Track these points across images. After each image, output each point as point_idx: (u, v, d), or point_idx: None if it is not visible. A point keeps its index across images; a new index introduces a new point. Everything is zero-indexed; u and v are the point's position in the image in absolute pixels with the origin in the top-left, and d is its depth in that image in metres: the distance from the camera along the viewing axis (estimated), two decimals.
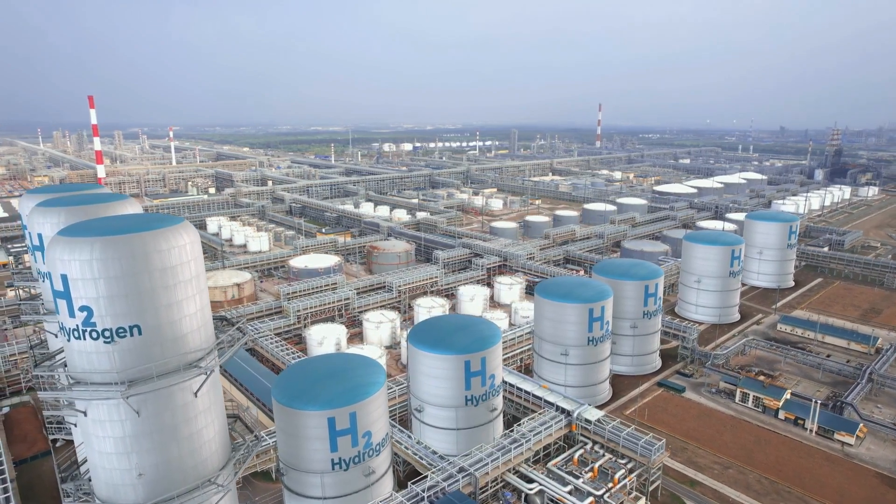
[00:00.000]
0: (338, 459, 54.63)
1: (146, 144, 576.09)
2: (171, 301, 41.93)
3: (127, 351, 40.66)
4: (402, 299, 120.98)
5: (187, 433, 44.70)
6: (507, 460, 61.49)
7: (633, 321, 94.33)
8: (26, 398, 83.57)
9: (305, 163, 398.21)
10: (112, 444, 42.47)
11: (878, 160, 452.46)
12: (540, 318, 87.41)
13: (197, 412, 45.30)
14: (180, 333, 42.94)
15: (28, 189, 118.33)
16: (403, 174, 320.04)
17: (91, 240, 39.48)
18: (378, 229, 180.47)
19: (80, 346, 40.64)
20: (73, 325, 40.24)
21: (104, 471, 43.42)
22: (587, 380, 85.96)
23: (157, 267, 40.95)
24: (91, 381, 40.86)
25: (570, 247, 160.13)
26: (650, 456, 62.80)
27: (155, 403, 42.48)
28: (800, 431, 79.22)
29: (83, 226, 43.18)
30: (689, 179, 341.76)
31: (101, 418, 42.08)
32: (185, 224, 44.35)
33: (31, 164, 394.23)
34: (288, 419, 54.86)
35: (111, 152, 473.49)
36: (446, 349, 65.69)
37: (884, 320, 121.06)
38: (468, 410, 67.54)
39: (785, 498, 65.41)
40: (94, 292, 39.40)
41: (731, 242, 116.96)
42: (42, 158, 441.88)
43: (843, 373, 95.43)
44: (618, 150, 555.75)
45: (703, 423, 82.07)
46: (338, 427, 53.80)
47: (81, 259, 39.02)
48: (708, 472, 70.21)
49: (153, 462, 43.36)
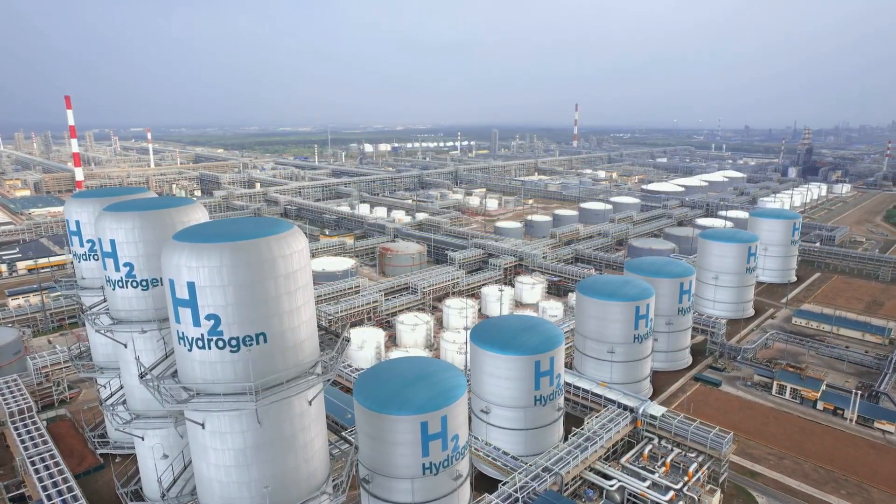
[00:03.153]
0: (428, 464, 54.09)
1: (118, 146, 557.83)
2: (291, 307, 40.99)
3: (252, 360, 39.53)
4: (427, 301, 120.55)
5: (303, 442, 43.72)
6: (585, 458, 61.99)
7: (668, 318, 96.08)
8: (62, 412, 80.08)
9: (290, 164, 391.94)
10: (232, 456, 41.19)
11: (843, 158, 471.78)
12: (583, 316, 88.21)
13: (311, 421, 44.42)
14: (298, 340, 42.00)
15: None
16: (393, 175, 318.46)
17: (220, 246, 38.25)
18: (384, 231, 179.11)
19: (204, 355, 39.32)
20: (197, 334, 38.92)
21: (220, 484, 42.05)
22: (631, 377, 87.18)
23: (281, 273, 39.97)
24: (213, 392, 39.57)
25: (578, 246, 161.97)
26: (721, 449, 64.18)
27: (277, 413, 41.41)
28: (840, 421, 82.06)
29: (197, 231, 41.88)
30: (670, 178, 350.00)
31: (221, 430, 40.79)
32: (297, 229, 43.39)
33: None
34: (376, 425, 53.99)
35: (83, 154, 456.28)
36: (517, 350, 65.78)
37: (888, 312, 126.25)
38: (537, 410, 67.79)
39: (844, 486, 67.71)
40: (223, 300, 38.21)
41: (747, 240, 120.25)
42: (9, 161, 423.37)
43: (864, 363, 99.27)
44: (596, 150, 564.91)
45: (746, 415, 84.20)
46: (430, 431, 53.37)
47: (211, 266, 37.79)
48: (765, 464, 72.12)
49: (272, 473, 42.24)
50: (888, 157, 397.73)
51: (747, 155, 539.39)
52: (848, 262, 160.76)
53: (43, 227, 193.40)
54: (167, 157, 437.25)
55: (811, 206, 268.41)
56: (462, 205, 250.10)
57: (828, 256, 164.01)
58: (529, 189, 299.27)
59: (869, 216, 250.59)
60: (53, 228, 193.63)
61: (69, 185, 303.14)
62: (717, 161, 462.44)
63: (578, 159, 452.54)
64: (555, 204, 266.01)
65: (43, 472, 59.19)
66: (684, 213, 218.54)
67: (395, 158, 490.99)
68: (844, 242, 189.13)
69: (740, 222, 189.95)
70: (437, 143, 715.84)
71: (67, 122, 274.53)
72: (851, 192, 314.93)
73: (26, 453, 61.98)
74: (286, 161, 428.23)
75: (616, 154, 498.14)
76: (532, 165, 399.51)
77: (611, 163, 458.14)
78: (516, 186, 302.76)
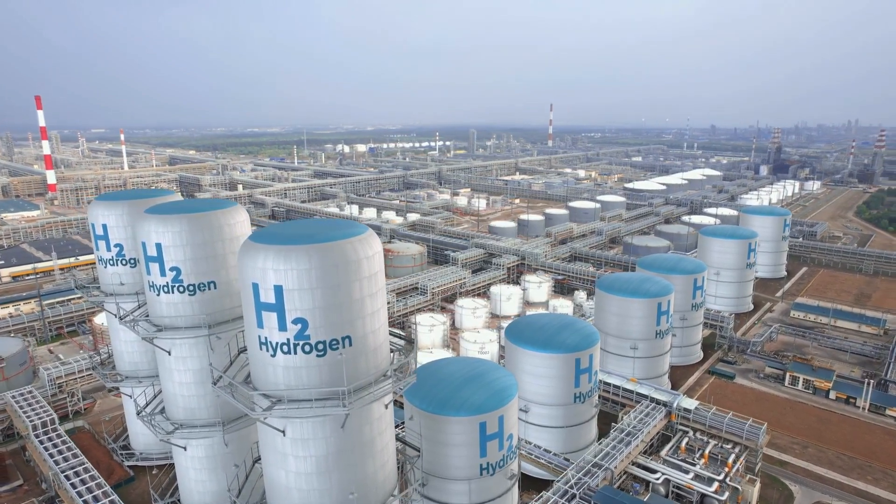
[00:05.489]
0: (486, 464, 54.16)
1: (85, 147, 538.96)
2: (373, 310, 40.50)
3: (337, 364, 38.84)
4: (436, 301, 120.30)
5: (380, 447, 43.19)
6: (629, 453, 62.88)
7: (682, 314, 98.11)
8: (79, 423, 77.06)
9: (269, 165, 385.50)
10: (313, 463, 40.37)
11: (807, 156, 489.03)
12: (604, 313, 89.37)
13: (386, 425, 43.90)
14: (378, 343, 41.51)
15: None
16: (377, 175, 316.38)
17: (308, 248, 37.49)
18: (380, 232, 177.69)
19: (289, 360, 38.46)
20: (282, 339, 38.05)
21: (300, 492, 41.14)
22: (652, 372, 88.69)
23: (365, 275, 39.44)
24: (298, 398, 38.73)
25: (574, 244, 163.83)
26: (757, 439, 65.88)
27: (358, 417, 40.77)
28: (853, 409, 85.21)
29: (274, 233, 40.89)
30: (648, 176, 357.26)
31: (303, 436, 39.94)
32: (372, 231, 42.88)
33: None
34: (433, 426, 53.73)
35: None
36: (558, 348, 66.29)
37: (876, 303, 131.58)
38: (575, 408, 68.43)
39: (868, 472, 70.32)
40: (311, 303, 37.47)
41: (747, 236, 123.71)
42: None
43: (864, 353, 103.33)
44: (572, 149, 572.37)
45: (763, 406, 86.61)
46: (488, 431, 53.41)
47: (300, 268, 37.01)
48: (791, 453, 74.36)
49: (352, 479, 41.56)
50: (852, 156, 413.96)
51: (717, 153, 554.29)
52: (832, 256, 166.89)
53: (21, 232, 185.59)
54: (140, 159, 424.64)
55: (786, 203, 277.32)
56: (450, 205, 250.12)
57: (813, 251, 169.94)
58: (514, 189, 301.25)
59: (841, 212, 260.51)
60: (33, 234, 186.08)
61: (40, 188, 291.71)
62: (690, 159, 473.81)
63: (557, 159, 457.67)
64: (541, 203, 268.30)
65: (80, 485, 56.87)
66: (670, 211, 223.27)
67: (375, 159, 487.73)
68: (824, 237, 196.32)
69: (728, 219, 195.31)
70: (411, 143, 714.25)
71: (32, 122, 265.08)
72: (821, 188, 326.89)
73: (59, 467, 59.44)
74: (265, 162, 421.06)
75: (593, 153, 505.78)
76: (513, 165, 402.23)
77: (588, 162, 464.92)
78: (500, 186, 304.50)
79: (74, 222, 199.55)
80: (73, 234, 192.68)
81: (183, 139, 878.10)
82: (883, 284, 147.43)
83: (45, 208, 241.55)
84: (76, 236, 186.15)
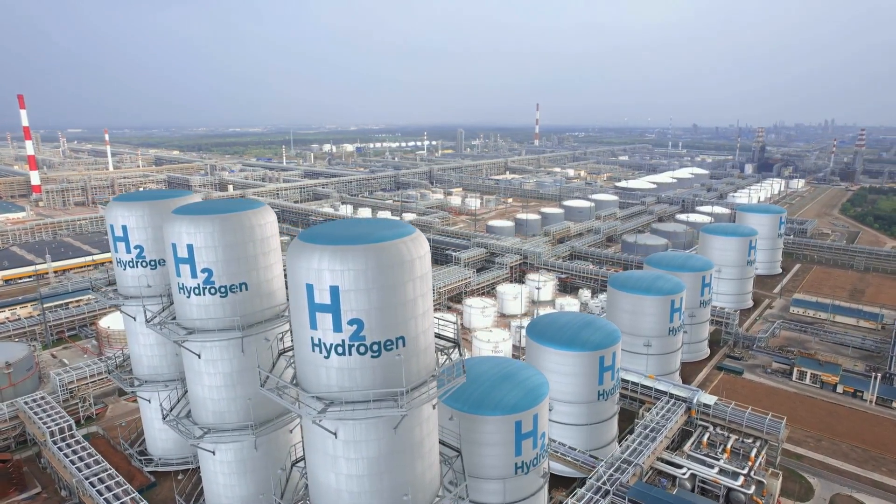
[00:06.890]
0: (521, 463, 54.32)
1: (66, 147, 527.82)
2: (424, 310, 40.24)
3: (392, 364, 38.62)
4: (443, 301, 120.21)
5: (429, 447, 43.05)
6: (654, 449, 63.53)
7: (691, 310, 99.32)
8: (93, 429, 75.47)
9: (258, 165, 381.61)
10: (365, 465, 40.07)
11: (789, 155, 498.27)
12: (616, 310, 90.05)
13: (433, 425, 43.77)
14: (427, 343, 41.33)
15: None
16: (369, 175, 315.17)
17: (364, 248, 37.16)
18: None
19: (343, 362, 38.03)
20: (337, 340, 37.63)
21: (350, 495, 40.77)
22: (665, 369, 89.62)
23: (417, 275, 39.18)
24: (350, 400, 38.40)
25: (573, 243, 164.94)
26: (778, 433, 67.01)
27: (410, 419, 40.52)
28: (860, 403, 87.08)
29: (322, 233, 40.39)
30: (636, 175, 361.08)
31: (356, 438, 39.58)
32: (420, 232, 42.60)
33: None
34: (468, 426, 53.71)
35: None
36: (582, 346, 66.69)
37: (870, 298, 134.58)
38: (599, 405, 68.90)
39: (883, 463, 71.94)
40: (367, 304, 37.14)
41: (748, 234, 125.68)
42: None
43: (865, 347, 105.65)
44: (559, 149, 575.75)
45: (774, 401, 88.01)
46: (523, 430, 53.59)
47: (356, 269, 36.65)
48: (805, 446, 75.74)
49: (402, 481, 41.31)
50: (833, 155, 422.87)
51: (701, 152, 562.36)
52: (824, 253, 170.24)
53: (9, 234, 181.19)
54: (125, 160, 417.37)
55: (774, 201, 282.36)
56: (444, 204, 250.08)
57: (805, 248, 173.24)
58: (506, 188, 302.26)
59: (826, 209, 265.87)
60: (21, 237, 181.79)
61: (23, 189, 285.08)
62: (676, 158, 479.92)
63: (545, 158, 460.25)
64: (534, 202, 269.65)
65: (106, 492, 55.77)
66: (663, 210, 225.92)
67: (364, 159, 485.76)
68: (814, 235, 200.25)
69: (721, 217, 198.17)
70: (397, 143, 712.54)
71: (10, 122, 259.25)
72: (805, 186, 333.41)
73: (82, 474, 58.19)
74: (252, 162, 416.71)
75: (580, 152, 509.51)
76: (503, 165, 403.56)
77: (576, 161, 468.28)
78: (492, 186, 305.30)
79: (64, 224, 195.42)
80: (63, 235, 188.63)
81: (164, 139, 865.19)
82: (875, 280, 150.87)
83: (31, 210, 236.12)
84: (67, 238, 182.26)
